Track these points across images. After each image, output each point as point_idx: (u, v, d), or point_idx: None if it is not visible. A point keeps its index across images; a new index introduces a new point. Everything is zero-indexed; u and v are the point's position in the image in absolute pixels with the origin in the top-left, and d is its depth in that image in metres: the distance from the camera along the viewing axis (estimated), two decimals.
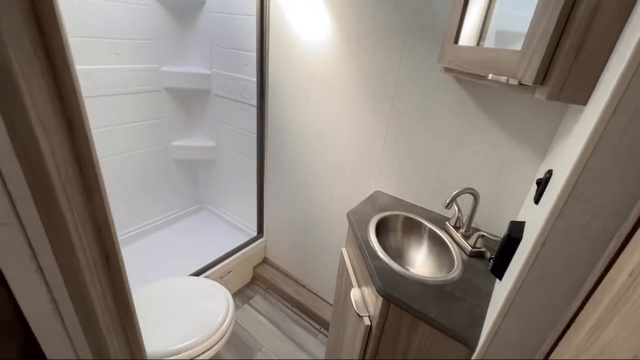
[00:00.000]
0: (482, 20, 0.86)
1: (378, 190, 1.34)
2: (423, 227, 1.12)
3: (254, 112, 1.71)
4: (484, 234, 0.97)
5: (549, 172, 0.65)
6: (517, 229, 0.69)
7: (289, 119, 1.57)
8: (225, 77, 1.82)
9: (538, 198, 0.66)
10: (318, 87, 1.39)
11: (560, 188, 0.46)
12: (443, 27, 0.99)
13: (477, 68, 0.77)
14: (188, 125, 2.08)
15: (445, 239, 1.03)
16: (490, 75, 0.69)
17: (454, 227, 1.06)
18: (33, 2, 0.22)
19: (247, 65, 1.68)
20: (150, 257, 1.86)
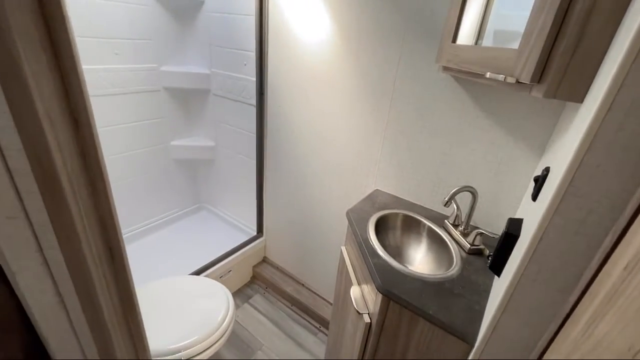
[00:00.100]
0: (480, 20, 0.87)
1: (377, 189, 1.34)
2: (422, 225, 1.12)
3: (253, 111, 1.72)
4: (483, 232, 0.97)
5: (547, 169, 0.66)
6: (515, 226, 0.70)
7: (288, 119, 1.58)
8: (225, 76, 1.83)
9: (536, 195, 0.67)
10: (317, 86, 1.40)
11: (557, 184, 0.47)
12: (441, 26, 0.99)
13: (475, 67, 0.78)
14: (187, 125, 2.09)
15: (444, 237, 1.04)
16: (488, 74, 0.70)
17: (453, 225, 1.07)
18: (42, 1, 0.22)
19: (246, 65, 1.69)
20: (150, 256, 1.86)
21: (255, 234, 1.99)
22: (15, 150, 0.24)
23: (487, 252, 0.98)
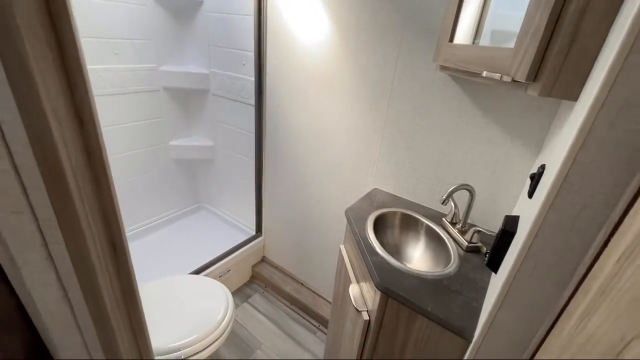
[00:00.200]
0: (477, 20, 0.88)
1: (376, 188, 1.35)
2: (420, 223, 1.13)
3: (252, 111, 1.72)
4: (480, 229, 0.98)
5: (542, 166, 0.67)
6: (511, 223, 0.71)
7: (287, 118, 1.58)
8: (224, 76, 1.83)
9: (532, 192, 0.68)
10: (316, 86, 1.41)
11: (552, 180, 0.48)
12: (438, 26, 1.00)
13: (472, 66, 0.79)
14: (186, 125, 2.09)
15: (442, 235, 1.05)
16: (485, 73, 0.71)
17: (451, 223, 1.08)
18: (48, 1, 0.23)
19: (245, 65, 1.70)
20: (150, 256, 1.87)
21: (255, 234, 1.99)
22: (22, 146, 0.24)
23: (484, 249, 0.99)
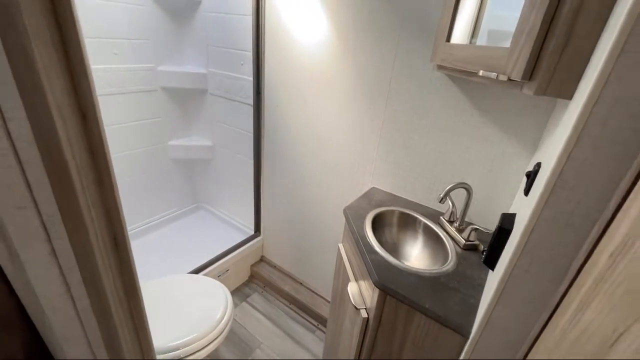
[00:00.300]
0: (474, 20, 0.89)
1: (374, 187, 1.36)
2: (418, 221, 1.14)
3: (251, 111, 1.72)
4: (477, 227, 0.99)
5: (538, 164, 0.67)
6: (508, 221, 0.71)
7: (286, 118, 1.59)
8: (222, 76, 1.83)
9: (528, 190, 0.69)
10: (314, 86, 1.41)
11: (547, 178, 0.49)
12: (435, 26, 1.01)
13: (468, 65, 0.80)
14: (185, 125, 2.09)
15: (440, 233, 1.06)
16: (481, 72, 0.72)
17: (448, 221, 1.09)
18: (53, 1, 0.23)
19: (243, 65, 1.70)
20: (149, 255, 1.87)
21: (253, 233, 1.99)
22: (27, 142, 0.25)
23: (481, 247, 1.00)
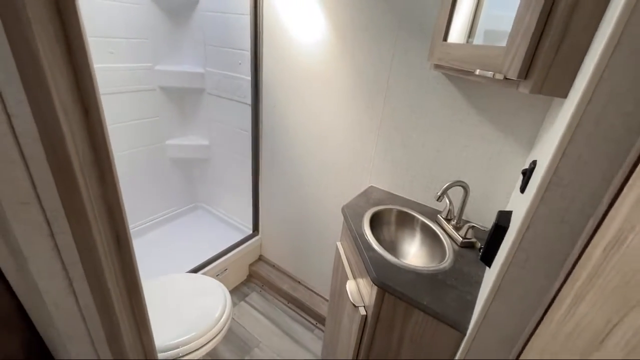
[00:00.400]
0: (471, 20, 0.90)
1: (372, 186, 1.37)
2: (416, 220, 1.15)
3: (248, 110, 1.73)
4: (474, 225, 1.00)
5: (534, 162, 0.68)
6: (504, 218, 0.72)
7: (284, 117, 1.59)
8: (219, 75, 1.83)
9: (524, 187, 0.70)
10: (312, 85, 1.42)
11: (542, 175, 0.50)
12: (433, 26, 1.02)
13: (465, 64, 0.80)
14: (182, 124, 2.09)
15: (437, 231, 1.07)
16: (478, 71, 0.73)
17: (446, 219, 1.10)
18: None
19: (241, 64, 1.70)
20: (147, 255, 1.86)
21: (251, 233, 2.00)
22: (32, 139, 0.25)
23: (478, 244, 1.01)
